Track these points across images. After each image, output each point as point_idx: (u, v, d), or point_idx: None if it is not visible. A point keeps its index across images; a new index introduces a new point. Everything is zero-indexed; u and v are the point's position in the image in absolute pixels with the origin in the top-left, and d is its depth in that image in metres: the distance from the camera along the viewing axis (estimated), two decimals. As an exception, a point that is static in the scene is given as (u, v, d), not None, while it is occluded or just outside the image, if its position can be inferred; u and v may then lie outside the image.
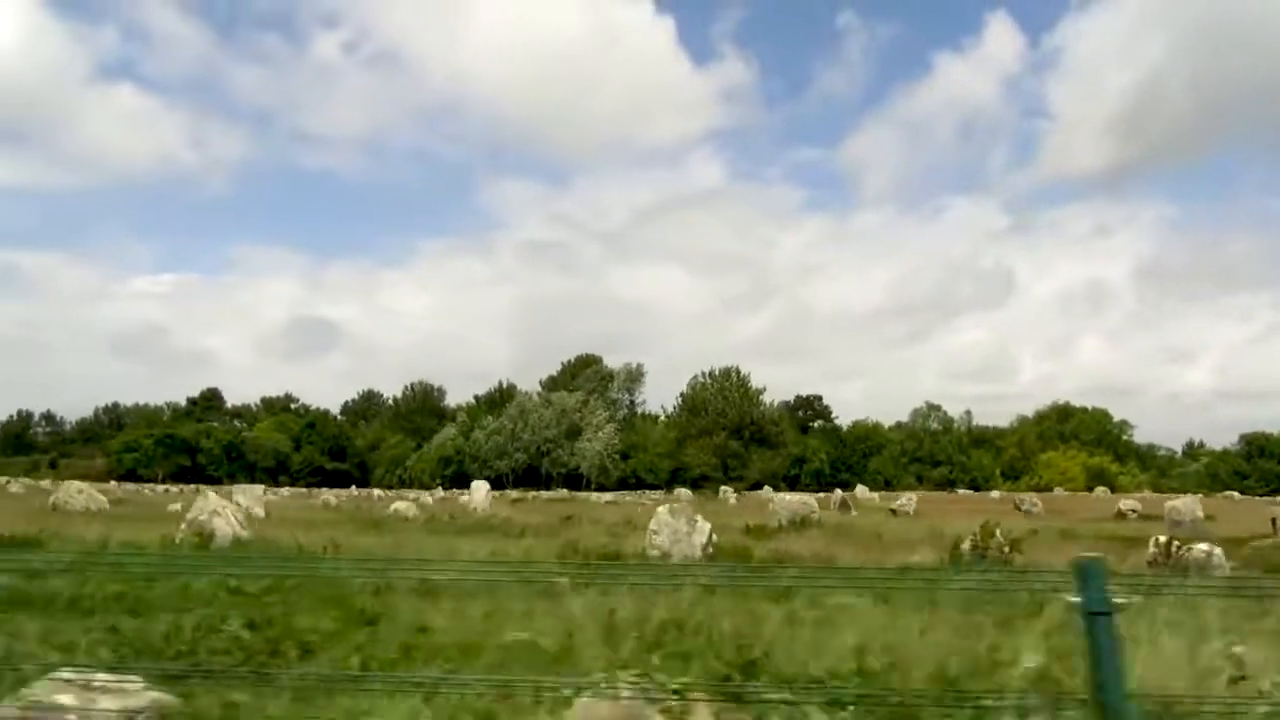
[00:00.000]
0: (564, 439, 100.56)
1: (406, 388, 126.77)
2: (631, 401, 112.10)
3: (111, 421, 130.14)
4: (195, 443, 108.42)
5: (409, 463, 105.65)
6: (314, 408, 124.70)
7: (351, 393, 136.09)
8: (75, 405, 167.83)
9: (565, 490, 78.81)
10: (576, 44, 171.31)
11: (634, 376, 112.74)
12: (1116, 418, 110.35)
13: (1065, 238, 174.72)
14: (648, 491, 76.04)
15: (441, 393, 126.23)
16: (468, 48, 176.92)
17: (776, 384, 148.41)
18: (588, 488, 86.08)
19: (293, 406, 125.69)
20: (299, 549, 14.00)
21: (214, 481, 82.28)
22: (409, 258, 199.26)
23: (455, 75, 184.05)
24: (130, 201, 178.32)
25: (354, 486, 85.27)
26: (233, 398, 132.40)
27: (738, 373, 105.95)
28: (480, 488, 36.47)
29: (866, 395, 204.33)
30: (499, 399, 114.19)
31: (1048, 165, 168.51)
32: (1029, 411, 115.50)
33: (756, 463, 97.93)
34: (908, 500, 41.36)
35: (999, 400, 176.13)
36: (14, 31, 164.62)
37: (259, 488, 36.68)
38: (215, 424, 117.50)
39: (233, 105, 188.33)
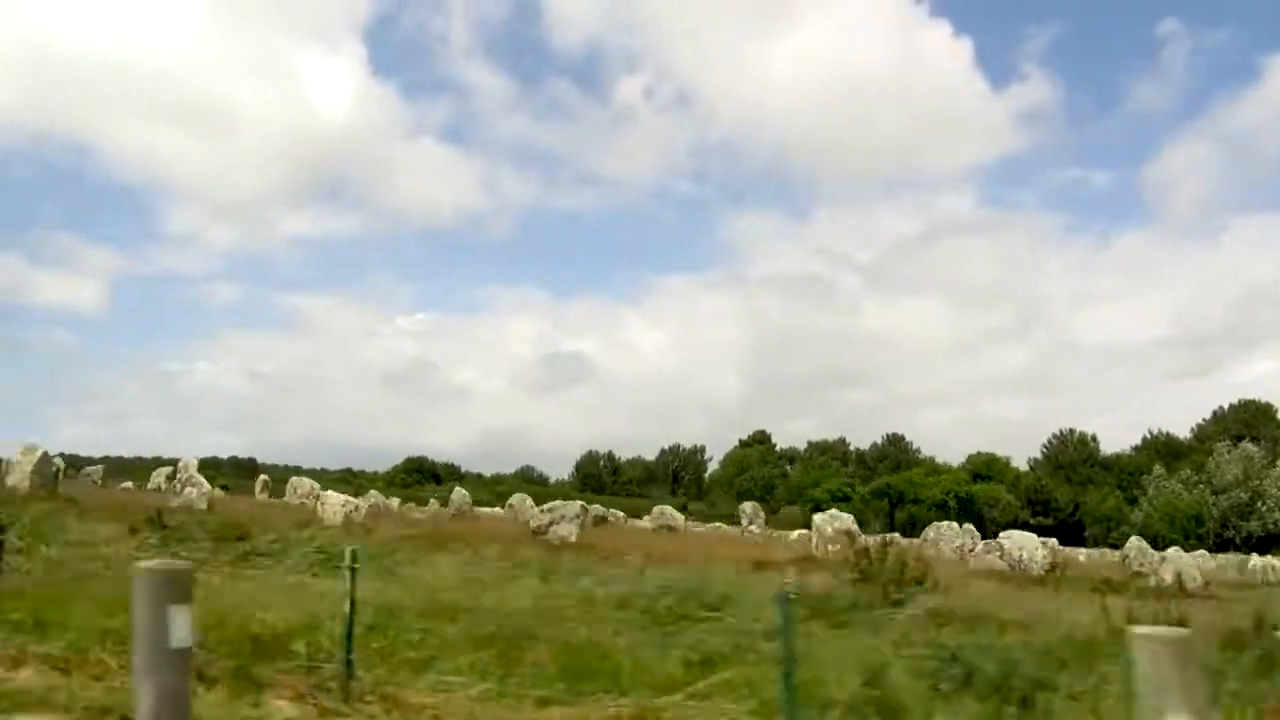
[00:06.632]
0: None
1: (1053, 435, 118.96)
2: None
3: (662, 465, 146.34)
4: (907, 494, 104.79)
5: (1134, 520, 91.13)
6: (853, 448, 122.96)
7: (598, 429, 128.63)
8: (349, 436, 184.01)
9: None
10: (862, 73, 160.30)
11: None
12: None
13: None
14: None
15: (1096, 440, 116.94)
16: (753, 81, 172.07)
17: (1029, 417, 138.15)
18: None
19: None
20: None
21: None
22: (650, 295, 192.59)
23: (737, 110, 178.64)
24: (412, 245, 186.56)
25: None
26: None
27: None
28: None
29: (1130, 427, 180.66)
30: (1157, 448, 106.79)
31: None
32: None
33: None
34: None
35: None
36: (341, 95, 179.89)
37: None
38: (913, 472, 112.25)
39: (521, 152, 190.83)
